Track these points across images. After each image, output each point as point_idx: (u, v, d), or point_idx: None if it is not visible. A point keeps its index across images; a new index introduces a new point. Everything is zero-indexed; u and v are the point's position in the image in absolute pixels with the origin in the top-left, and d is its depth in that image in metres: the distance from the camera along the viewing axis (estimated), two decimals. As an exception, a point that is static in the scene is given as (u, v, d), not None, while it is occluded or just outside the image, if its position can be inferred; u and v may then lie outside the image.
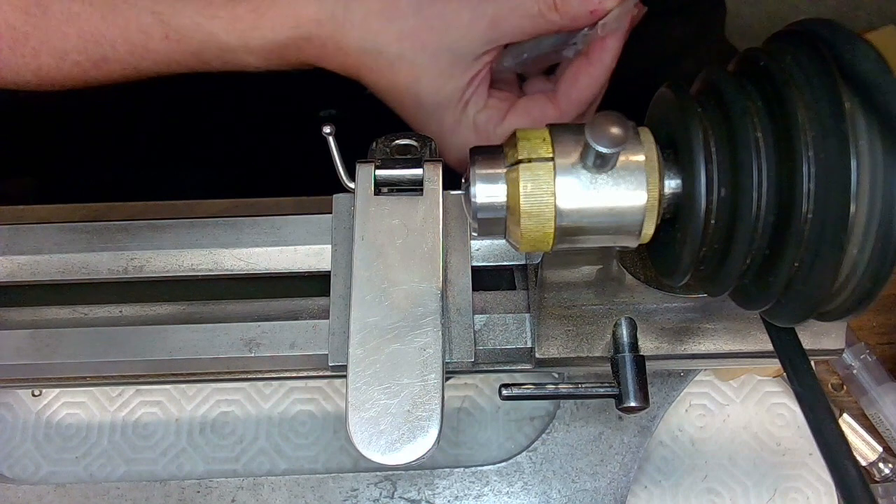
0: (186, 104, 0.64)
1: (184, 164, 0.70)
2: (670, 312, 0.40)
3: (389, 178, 0.41)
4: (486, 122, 0.50)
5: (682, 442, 0.51)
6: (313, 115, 0.65)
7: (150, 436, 0.52)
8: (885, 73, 0.27)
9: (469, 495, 0.46)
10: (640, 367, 0.39)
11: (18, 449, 0.51)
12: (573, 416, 0.47)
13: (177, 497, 0.46)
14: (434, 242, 0.40)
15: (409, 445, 0.36)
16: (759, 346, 0.41)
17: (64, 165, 0.70)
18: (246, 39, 0.47)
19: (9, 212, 0.53)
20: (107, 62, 0.48)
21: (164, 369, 0.42)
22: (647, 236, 0.32)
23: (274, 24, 0.47)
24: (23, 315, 0.44)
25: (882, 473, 0.50)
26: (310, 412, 0.52)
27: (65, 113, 0.65)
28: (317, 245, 0.43)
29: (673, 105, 0.32)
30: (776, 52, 0.30)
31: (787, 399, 0.52)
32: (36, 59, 0.48)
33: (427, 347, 0.38)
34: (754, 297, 0.32)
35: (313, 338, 0.41)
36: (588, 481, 0.46)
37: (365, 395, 0.37)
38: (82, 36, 0.47)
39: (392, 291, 0.39)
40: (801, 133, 0.28)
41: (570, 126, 0.32)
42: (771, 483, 0.50)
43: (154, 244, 0.44)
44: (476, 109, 0.50)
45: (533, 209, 0.31)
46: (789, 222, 0.29)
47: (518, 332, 0.42)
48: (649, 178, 0.31)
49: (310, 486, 0.47)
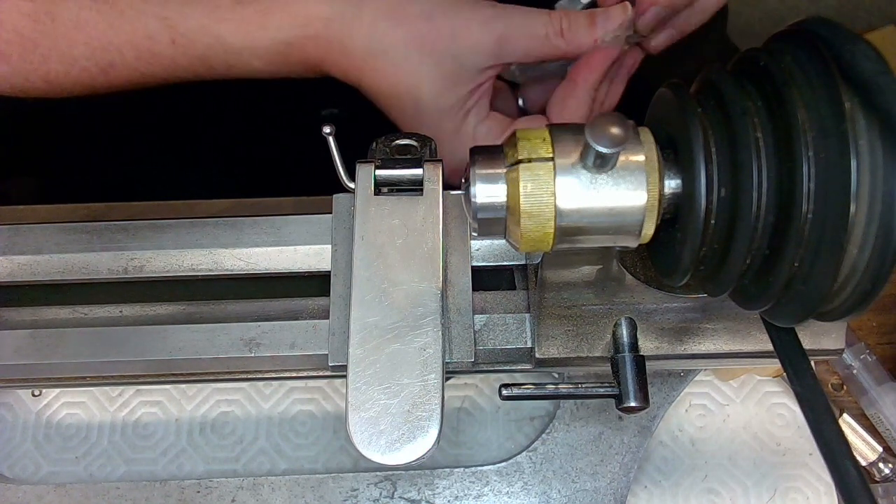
0: (187, 104, 0.64)
1: (184, 164, 0.70)
2: (670, 312, 0.40)
3: (389, 178, 0.41)
4: (486, 134, 0.50)
5: (682, 442, 0.51)
6: (314, 115, 0.65)
7: (150, 436, 0.52)
8: (885, 73, 0.27)
9: (469, 495, 0.46)
10: (640, 367, 0.39)
11: (18, 449, 0.51)
12: (573, 416, 0.47)
13: (177, 497, 0.46)
14: (434, 242, 0.40)
15: (409, 445, 0.36)
16: (759, 346, 0.41)
17: (64, 165, 0.70)
18: (252, 40, 0.47)
19: (9, 212, 0.53)
20: (114, 68, 0.49)
21: (164, 369, 0.42)
22: (647, 236, 0.32)
23: (281, 24, 0.47)
24: (23, 315, 0.44)
25: (882, 473, 0.50)
26: (310, 412, 0.52)
27: (65, 113, 0.65)
28: (317, 245, 0.43)
29: (673, 105, 0.32)
30: (776, 52, 0.30)
31: (787, 399, 0.52)
32: (45, 66, 0.48)
33: (427, 347, 0.38)
34: (754, 297, 0.32)
35: (313, 338, 0.41)
36: (588, 481, 0.46)
37: (365, 395, 0.37)
38: (90, 43, 0.48)
39: (392, 291, 0.39)
40: (801, 133, 0.28)
41: (570, 126, 0.32)
42: (771, 483, 0.50)
43: (154, 244, 0.44)
44: (477, 121, 0.50)
45: (533, 209, 0.31)
46: (789, 222, 0.29)
47: (518, 332, 0.42)
48: (649, 178, 0.31)
49: (310, 486, 0.47)
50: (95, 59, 0.48)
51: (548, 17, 0.48)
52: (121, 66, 0.48)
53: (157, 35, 0.47)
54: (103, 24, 0.47)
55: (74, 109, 0.62)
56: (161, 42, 0.47)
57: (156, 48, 0.47)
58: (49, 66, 0.48)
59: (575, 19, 0.48)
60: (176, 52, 0.48)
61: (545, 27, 0.48)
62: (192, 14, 0.47)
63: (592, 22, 0.48)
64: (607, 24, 0.48)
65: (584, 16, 0.48)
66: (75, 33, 0.47)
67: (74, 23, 0.47)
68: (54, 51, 0.48)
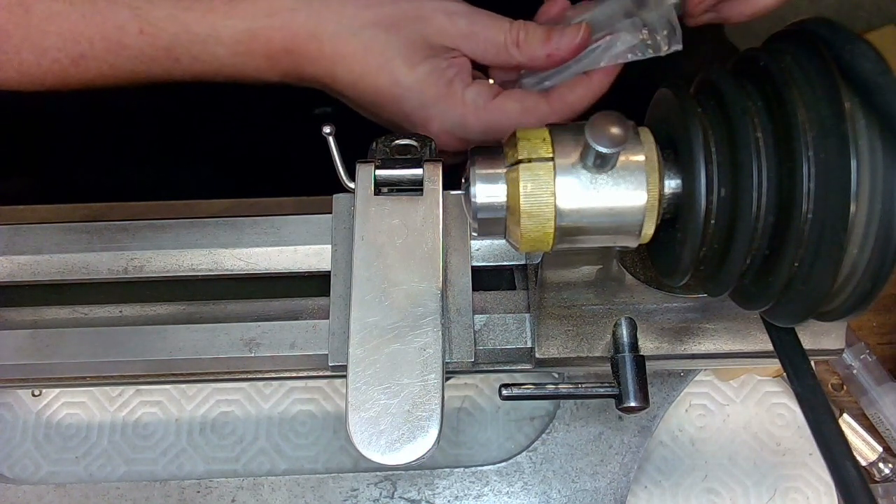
0: (186, 104, 0.64)
1: (184, 163, 0.70)
2: (670, 312, 0.40)
3: (389, 178, 0.41)
4: (477, 97, 0.50)
5: (682, 442, 0.51)
6: (314, 115, 0.65)
7: (150, 436, 0.52)
8: (885, 73, 0.27)
9: (469, 495, 0.46)
10: (640, 367, 0.39)
11: (18, 449, 0.51)
12: (573, 416, 0.47)
13: (177, 497, 0.46)
14: (434, 242, 0.40)
15: (409, 445, 0.36)
16: (759, 346, 0.41)
17: (64, 165, 0.70)
18: (217, 28, 0.48)
19: (9, 212, 0.53)
20: (84, 60, 0.49)
21: (164, 369, 0.42)
22: (647, 236, 0.32)
23: (247, 13, 0.48)
24: (23, 315, 0.44)
25: (882, 473, 0.50)
26: (310, 412, 0.52)
27: (64, 113, 0.65)
28: (317, 245, 0.43)
29: (673, 105, 0.32)
30: (776, 52, 0.30)
31: (787, 399, 0.52)
32: (17, 56, 0.49)
33: (427, 347, 0.38)
34: (754, 297, 0.32)
35: (313, 338, 0.41)
36: (588, 481, 0.46)
37: (365, 395, 0.37)
38: (62, 34, 0.48)
39: (392, 291, 0.39)
40: (801, 133, 0.28)
41: (570, 126, 0.32)
42: (771, 483, 0.50)
43: (154, 244, 0.44)
44: (463, 86, 0.50)
45: (533, 209, 0.31)
46: (789, 222, 0.29)
47: (518, 332, 0.42)
48: (649, 178, 0.31)
49: (310, 486, 0.47)
50: (67, 49, 0.49)
51: (508, 25, 0.50)
52: (91, 57, 0.49)
53: (127, 25, 0.48)
54: (75, 15, 0.48)
55: (74, 109, 0.62)
56: (130, 33, 0.48)
57: (125, 39, 0.48)
58: (21, 57, 0.49)
59: (532, 32, 0.49)
60: (143, 42, 0.48)
61: (504, 35, 0.49)
62: (161, 3, 0.48)
63: (548, 38, 0.49)
64: (561, 42, 0.49)
65: (542, 30, 0.50)
66: (48, 24, 0.48)
67: (47, 14, 0.48)
68: (27, 41, 0.48)
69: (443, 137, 0.50)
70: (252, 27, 0.48)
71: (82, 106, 0.60)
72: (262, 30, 0.48)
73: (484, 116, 0.49)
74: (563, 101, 0.51)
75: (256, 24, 0.48)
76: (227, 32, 0.48)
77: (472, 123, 0.50)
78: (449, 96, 0.49)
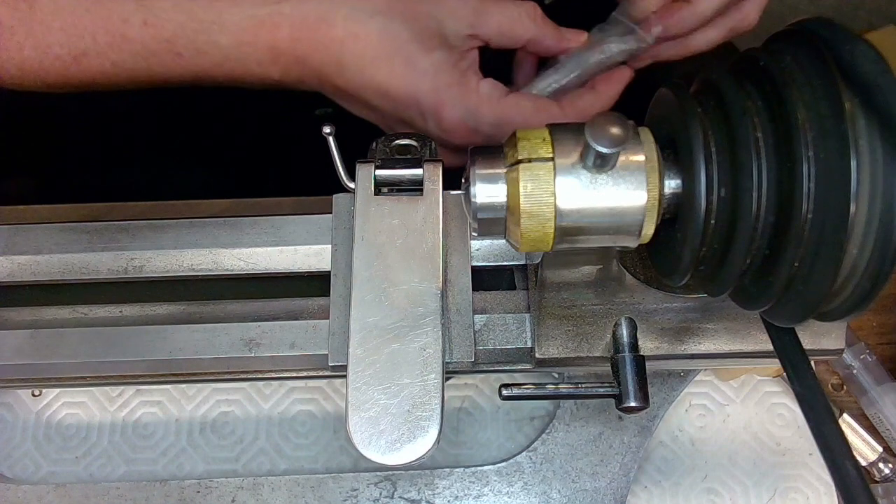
0: (186, 104, 0.64)
1: (184, 164, 0.70)
2: (670, 312, 0.40)
3: (389, 178, 0.41)
4: (492, 90, 0.50)
5: (682, 442, 0.51)
6: (314, 115, 0.65)
7: (150, 436, 0.52)
8: (885, 73, 0.27)
9: (469, 495, 0.46)
10: (640, 367, 0.39)
11: (18, 449, 0.51)
12: (573, 416, 0.47)
13: (177, 497, 0.46)
14: (434, 242, 0.40)
15: (409, 445, 0.36)
16: (759, 346, 0.41)
17: (64, 165, 0.70)
18: (223, 15, 0.48)
19: (9, 212, 0.53)
20: (86, 57, 0.49)
21: (164, 369, 0.42)
22: (647, 236, 0.32)
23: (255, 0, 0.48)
24: (23, 315, 0.44)
25: (882, 473, 0.50)
26: (310, 412, 0.52)
27: (65, 113, 0.65)
28: (317, 245, 0.43)
29: (673, 105, 0.32)
30: (776, 52, 0.30)
31: (787, 399, 0.52)
32: (20, 53, 0.49)
33: (427, 347, 0.38)
34: (754, 297, 0.32)
35: (313, 338, 0.41)
36: (588, 481, 0.46)
37: (365, 395, 0.37)
38: (66, 29, 0.48)
39: (392, 291, 0.39)
40: (801, 133, 0.28)
41: (570, 126, 0.32)
42: (771, 483, 0.50)
43: (154, 244, 0.44)
44: (477, 78, 0.50)
45: (533, 209, 0.31)
46: (789, 222, 0.29)
47: (518, 332, 0.42)
48: (649, 178, 0.31)
49: (310, 486, 0.47)
50: (69, 45, 0.48)
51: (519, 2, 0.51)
52: (93, 54, 0.49)
53: (132, 17, 0.48)
54: (80, 9, 0.48)
55: (74, 109, 0.62)
56: (134, 24, 0.48)
57: (128, 32, 0.48)
58: (24, 54, 0.49)
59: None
60: (146, 34, 0.48)
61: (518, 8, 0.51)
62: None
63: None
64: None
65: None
66: (52, 19, 0.48)
67: (52, 9, 0.48)
68: (30, 38, 0.48)
69: (453, 125, 0.50)
70: (259, 14, 0.48)
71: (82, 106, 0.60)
72: (269, 16, 0.48)
73: (498, 109, 0.50)
74: (575, 105, 0.51)
75: (264, 11, 0.48)
76: (233, 20, 0.48)
77: (486, 114, 0.49)
78: (463, 84, 0.49)
